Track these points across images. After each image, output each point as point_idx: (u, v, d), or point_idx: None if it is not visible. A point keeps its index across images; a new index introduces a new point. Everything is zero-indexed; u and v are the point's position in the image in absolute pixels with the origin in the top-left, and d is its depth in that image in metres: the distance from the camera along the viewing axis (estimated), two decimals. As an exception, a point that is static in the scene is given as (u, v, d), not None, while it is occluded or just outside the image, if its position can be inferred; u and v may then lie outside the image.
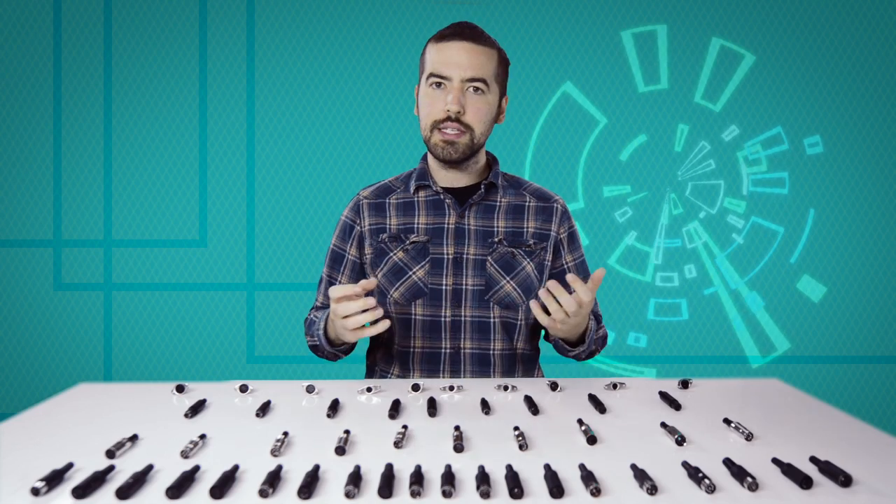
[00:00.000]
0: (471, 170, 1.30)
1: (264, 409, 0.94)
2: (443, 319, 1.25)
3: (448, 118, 1.20)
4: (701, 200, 2.59)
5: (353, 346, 1.26)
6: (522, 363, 1.31)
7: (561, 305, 1.05)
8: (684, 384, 1.09)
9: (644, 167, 2.62)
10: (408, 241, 1.28)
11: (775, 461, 0.73)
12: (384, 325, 1.05)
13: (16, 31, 2.54)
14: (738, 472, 0.69)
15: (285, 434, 0.81)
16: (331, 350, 1.23)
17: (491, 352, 1.27)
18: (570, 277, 1.05)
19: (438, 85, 1.21)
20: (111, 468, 0.71)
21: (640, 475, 0.68)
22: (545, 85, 2.62)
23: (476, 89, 1.21)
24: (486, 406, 0.95)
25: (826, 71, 2.58)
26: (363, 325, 1.05)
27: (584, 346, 1.22)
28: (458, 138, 1.21)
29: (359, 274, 1.35)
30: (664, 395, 1.01)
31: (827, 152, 2.57)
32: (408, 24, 2.60)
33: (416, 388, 1.06)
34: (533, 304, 1.07)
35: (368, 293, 1.21)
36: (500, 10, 2.59)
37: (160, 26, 2.57)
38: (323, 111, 2.61)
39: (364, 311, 1.04)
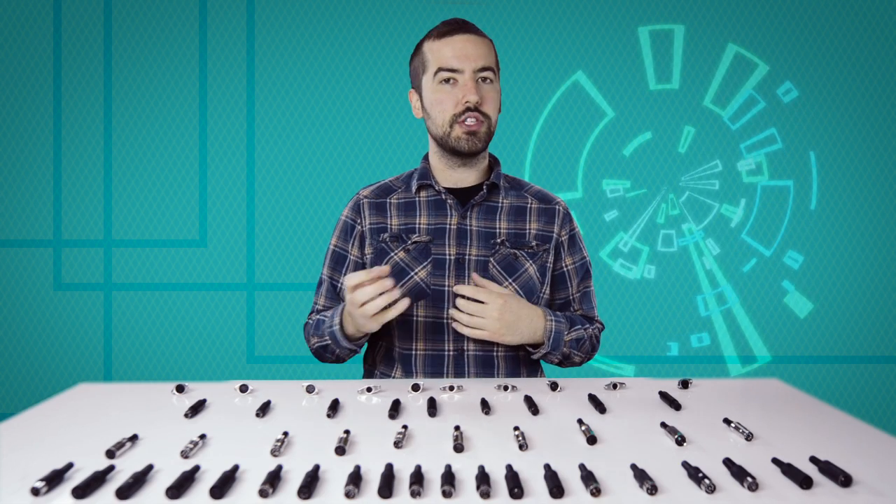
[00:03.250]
0: (476, 168, 1.30)
1: (264, 409, 0.94)
2: (445, 321, 1.25)
3: (467, 109, 1.20)
4: (692, 214, 2.60)
5: (364, 342, 1.26)
6: (526, 365, 1.31)
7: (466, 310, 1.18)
8: (684, 384, 1.09)
9: (646, 165, 2.62)
10: (409, 242, 1.27)
11: (775, 461, 0.73)
12: (404, 304, 1.07)
13: (16, 31, 2.54)
14: (738, 472, 0.69)
15: (285, 434, 0.81)
16: (348, 346, 1.21)
17: (494, 353, 1.26)
18: (474, 276, 1.21)
19: (448, 80, 1.21)
20: (111, 468, 0.71)
21: (640, 475, 0.68)
22: (557, 71, 2.62)
23: (485, 79, 1.22)
24: (486, 406, 0.95)
25: (792, 14, 2.58)
26: (384, 309, 1.06)
27: (545, 347, 1.22)
28: (479, 128, 1.22)
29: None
30: (664, 395, 1.01)
31: (802, 95, 2.58)
32: (408, 24, 2.60)
33: (416, 388, 1.06)
34: (452, 312, 1.19)
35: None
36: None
37: (160, 26, 2.57)
38: (323, 111, 2.61)
39: (381, 294, 1.05)
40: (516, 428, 0.83)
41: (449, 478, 0.67)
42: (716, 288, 2.60)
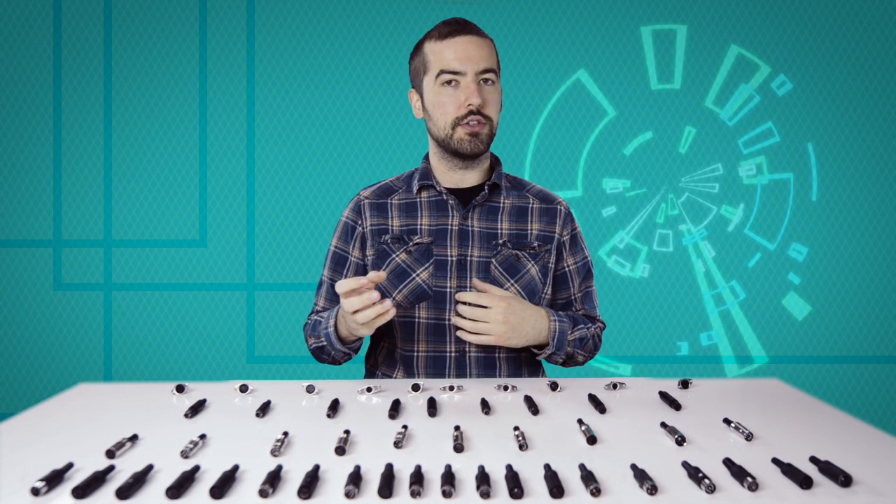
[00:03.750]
0: (478, 168, 1.30)
1: (264, 409, 0.94)
2: (447, 322, 1.24)
3: (470, 112, 1.19)
4: (691, 215, 2.60)
5: (360, 346, 1.25)
6: (528, 366, 1.31)
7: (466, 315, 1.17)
8: (684, 384, 1.09)
9: (646, 164, 2.62)
10: (411, 243, 1.27)
11: (775, 461, 0.73)
12: (391, 314, 1.05)
13: (16, 31, 2.54)
14: (738, 472, 0.69)
15: (285, 434, 0.81)
16: (342, 348, 1.20)
17: (496, 355, 1.26)
18: (475, 282, 1.20)
19: (450, 82, 1.20)
20: (111, 468, 0.71)
21: (640, 475, 0.68)
22: (559, 69, 2.62)
23: (487, 80, 1.21)
24: (486, 406, 0.95)
25: (786, 7, 2.58)
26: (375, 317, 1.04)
27: (550, 347, 1.22)
28: (481, 130, 1.21)
29: (362, 275, 1.32)
30: (664, 395, 1.01)
31: (796, 87, 2.58)
32: (408, 24, 2.60)
33: (416, 388, 1.06)
34: (455, 319, 1.18)
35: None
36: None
37: (160, 26, 2.57)
38: (323, 111, 2.61)
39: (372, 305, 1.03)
40: (516, 428, 0.83)
41: (449, 478, 0.67)
42: (714, 289, 2.60)
